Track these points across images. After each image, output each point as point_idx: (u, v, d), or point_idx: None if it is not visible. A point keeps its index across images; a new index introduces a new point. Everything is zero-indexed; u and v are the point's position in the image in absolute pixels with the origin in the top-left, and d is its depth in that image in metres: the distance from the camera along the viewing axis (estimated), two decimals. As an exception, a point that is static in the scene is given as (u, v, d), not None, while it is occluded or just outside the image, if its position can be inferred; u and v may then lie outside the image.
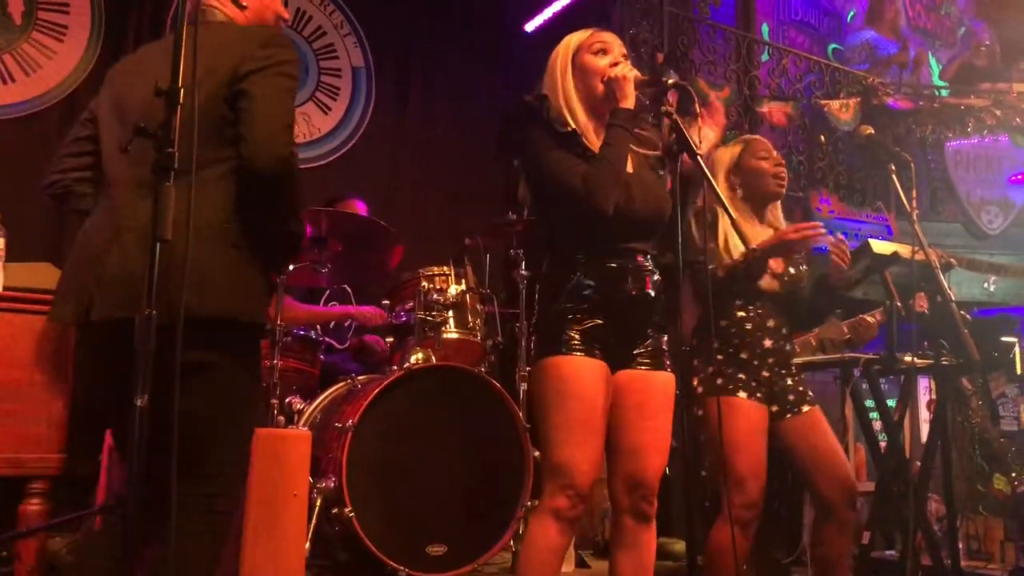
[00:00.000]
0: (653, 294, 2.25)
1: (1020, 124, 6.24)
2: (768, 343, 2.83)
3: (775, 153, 2.95)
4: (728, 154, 2.93)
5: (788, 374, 2.88)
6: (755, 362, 2.81)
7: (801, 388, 2.89)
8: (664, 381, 2.26)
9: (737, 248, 2.74)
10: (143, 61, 2.04)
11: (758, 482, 2.73)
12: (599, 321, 2.18)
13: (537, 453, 3.13)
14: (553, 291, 2.23)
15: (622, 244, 2.23)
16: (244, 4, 2.08)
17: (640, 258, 2.25)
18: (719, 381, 2.76)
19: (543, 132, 2.23)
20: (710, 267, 2.74)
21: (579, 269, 2.20)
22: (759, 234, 2.84)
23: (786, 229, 2.75)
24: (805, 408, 2.84)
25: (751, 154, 2.90)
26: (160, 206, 1.45)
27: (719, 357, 2.80)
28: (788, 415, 2.84)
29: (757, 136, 3.03)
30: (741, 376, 2.77)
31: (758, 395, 2.78)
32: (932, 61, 7.73)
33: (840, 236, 2.88)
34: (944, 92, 6.44)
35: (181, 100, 1.50)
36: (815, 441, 2.85)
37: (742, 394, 2.75)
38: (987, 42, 7.01)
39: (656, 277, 2.27)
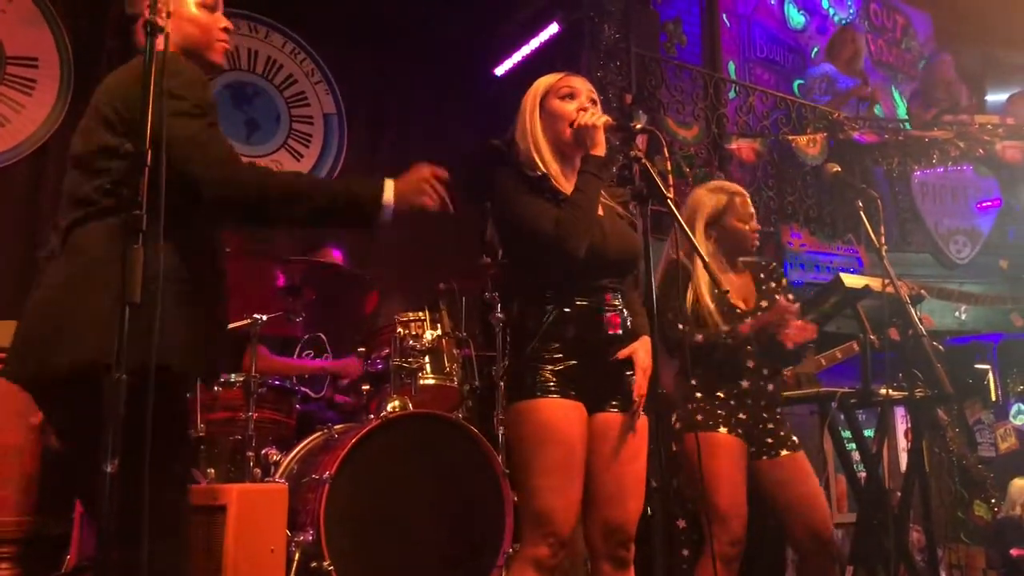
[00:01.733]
0: (624, 334, 2.24)
1: (983, 155, 6.36)
2: (745, 384, 2.86)
3: (754, 215, 3.02)
4: (711, 203, 2.97)
5: (770, 418, 2.90)
6: (732, 401, 2.83)
7: (783, 433, 2.91)
8: (638, 423, 2.24)
9: (709, 308, 2.78)
10: None
11: (741, 518, 2.74)
12: (573, 362, 2.17)
13: (516, 498, 3.10)
14: (525, 333, 2.21)
15: (595, 283, 2.23)
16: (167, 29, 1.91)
17: (611, 297, 2.25)
18: (699, 417, 2.77)
19: (513, 176, 2.24)
20: (680, 327, 2.78)
21: (551, 310, 2.19)
22: (732, 282, 2.89)
23: (766, 315, 2.82)
24: (784, 452, 2.86)
25: (734, 215, 2.96)
26: (128, 268, 1.44)
27: (698, 395, 2.82)
28: (764, 456, 2.86)
29: (740, 190, 3.06)
30: (721, 412, 2.79)
31: (738, 431, 2.80)
32: (896, 95, 7.89)
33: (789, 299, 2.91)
34: (907, 126, 6.56)
35: (148, 162, 1.49)
36: (791, 488, 2.87)
37: (722, 429, 2.77)
38: (949, 74, 7.16)
39: (628, 316, 2.26)
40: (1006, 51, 8.40)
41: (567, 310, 2.19)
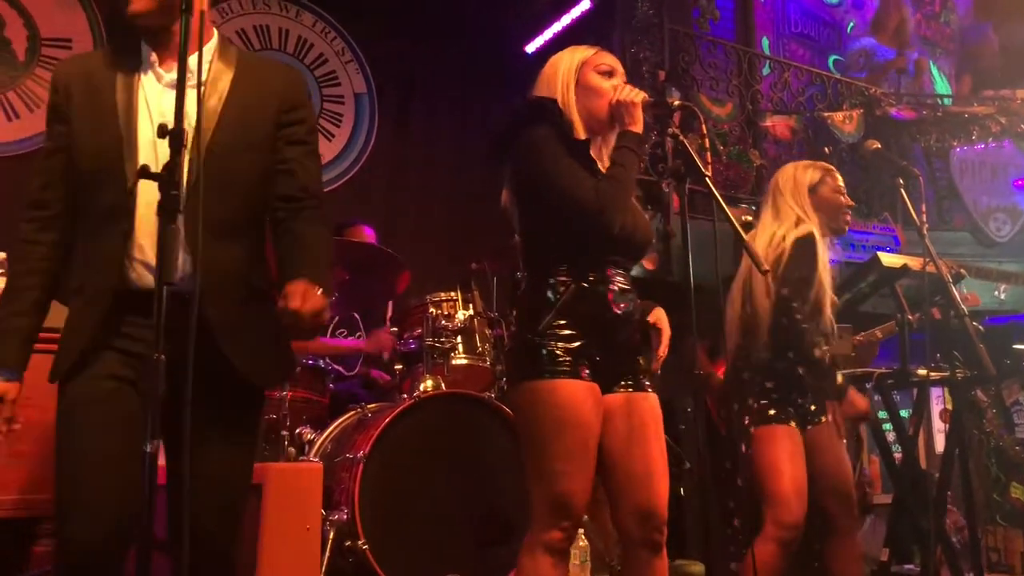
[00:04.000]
0: (635, 314, 2.21)
1: (1024, 131, 6.23)
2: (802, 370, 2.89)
3: (844, 190, 3.05)
4: (807, 176, 2.99)
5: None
6: (800, 400, 2.88)
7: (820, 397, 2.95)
8: (651, 403, 2.21)
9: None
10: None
11: (803, 503, 2.75)
12: (585, 340, 2.11)
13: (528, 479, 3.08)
14: (537, 308, 2.14)
15: (610, 262, 2.18)
16: None
17: (623, 277, 2.21)
18: (771, 412, 2.82)
19: (554, 136, 2.15)
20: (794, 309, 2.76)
21: (563, 286, 2.13)
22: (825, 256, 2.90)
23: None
24: (823, 418, 2.92)
25: (830, 187, 3.00)
26: (165, 248, 1.44)
27: (773, 395, 2.85)
28: (808, 427, 2.89)
29: (831, 167, 3.08)
30: (790, 408, 2.85)
31: (795, 421, 2.86)
32: (934, 69, 7.73)
33: None
34: (947, 101, 6.42)
35: (187, 142, 1.48)
36: (824, 455, 2.91)
37: (792, 423, 2.83)
38: (992, 45, 7.01)
39: (634, 296, 2.23)
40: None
41: (584, 285, 2.13)
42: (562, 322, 2.10)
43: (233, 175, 1.83)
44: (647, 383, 2.22)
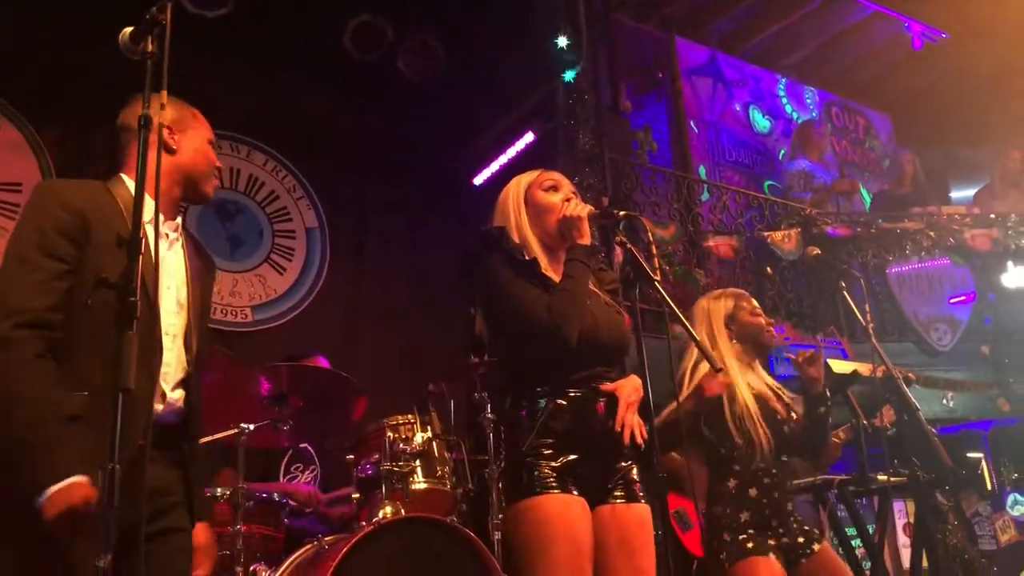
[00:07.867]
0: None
1: (954, 244, 6.48)
2: (790, 506, 2.84)
3: (761, 311, 3.10)
4: (722, 307, 3.05)
5: (793, 518, 2.87)
6: (781, 528, 2.81)
7: (807, 527, 2.87)
8: (641, 514, 2.20)
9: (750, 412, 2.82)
10: None
11: None
12: (571, 456, 2.12)
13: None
14: (520, 428, 2.16)
15: (588, 372, 2.20)
16: (174, 148, 2.08)
17: (605, 385, 2.21)
18: (749, 545, 2.73)
19: (503, 262, 2.23)
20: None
21: (545, 403, 2.15)
22: (752, 380, 2.90)
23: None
24: (815, 547, 2.82)
25: (745, 311, 3.04)
26: (122, 355, 1.42)
27: (749, 528, 2.78)
28: (802, 560, 2.80)
29: (742, 292, 3.15)
30: (771, 542, 2.76)
31: (782, 547, 2.78)
32: (864, 191, 8.10)
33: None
34: (880, 219, 6.67)
35: (142, 250, 1.49)
36: None
37: (772, 556, 2.73)
38: (910, 170, 7.36)
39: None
40: (966, 149, 8.67)
41: (561, 401, 2.15)
42: (546, 440, 2.12)
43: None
44: (640, 493, 2.21)
